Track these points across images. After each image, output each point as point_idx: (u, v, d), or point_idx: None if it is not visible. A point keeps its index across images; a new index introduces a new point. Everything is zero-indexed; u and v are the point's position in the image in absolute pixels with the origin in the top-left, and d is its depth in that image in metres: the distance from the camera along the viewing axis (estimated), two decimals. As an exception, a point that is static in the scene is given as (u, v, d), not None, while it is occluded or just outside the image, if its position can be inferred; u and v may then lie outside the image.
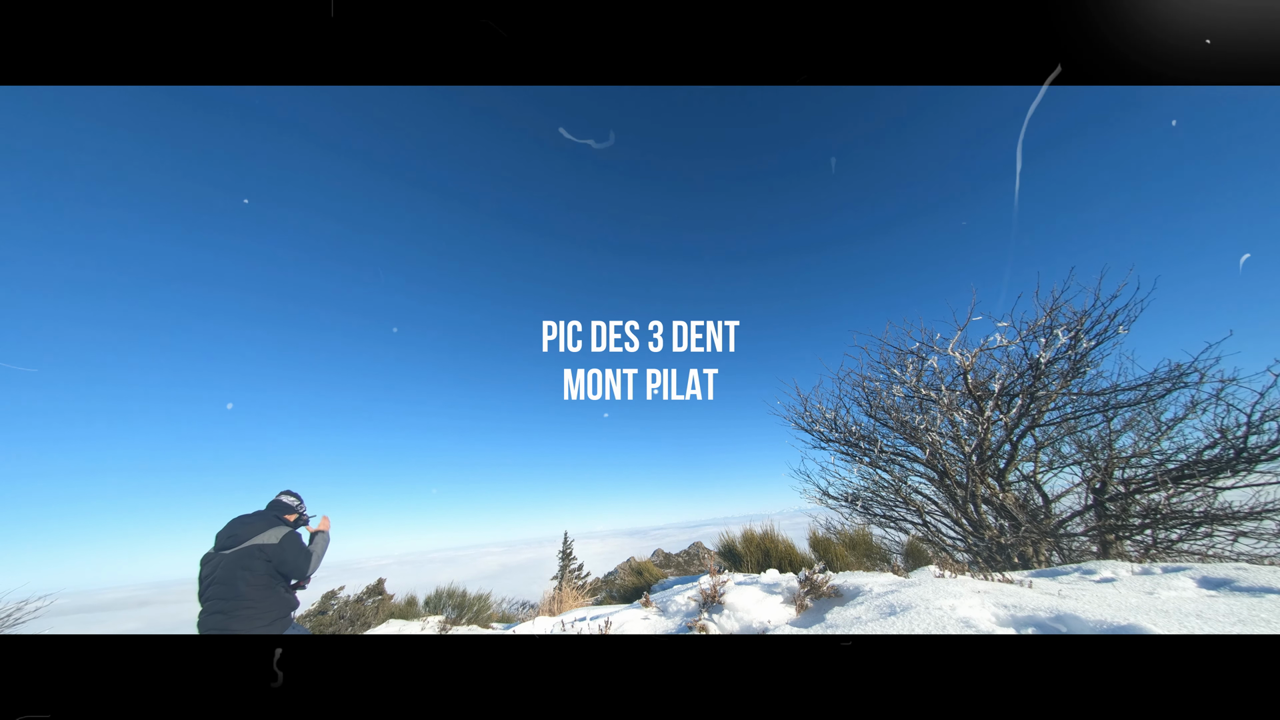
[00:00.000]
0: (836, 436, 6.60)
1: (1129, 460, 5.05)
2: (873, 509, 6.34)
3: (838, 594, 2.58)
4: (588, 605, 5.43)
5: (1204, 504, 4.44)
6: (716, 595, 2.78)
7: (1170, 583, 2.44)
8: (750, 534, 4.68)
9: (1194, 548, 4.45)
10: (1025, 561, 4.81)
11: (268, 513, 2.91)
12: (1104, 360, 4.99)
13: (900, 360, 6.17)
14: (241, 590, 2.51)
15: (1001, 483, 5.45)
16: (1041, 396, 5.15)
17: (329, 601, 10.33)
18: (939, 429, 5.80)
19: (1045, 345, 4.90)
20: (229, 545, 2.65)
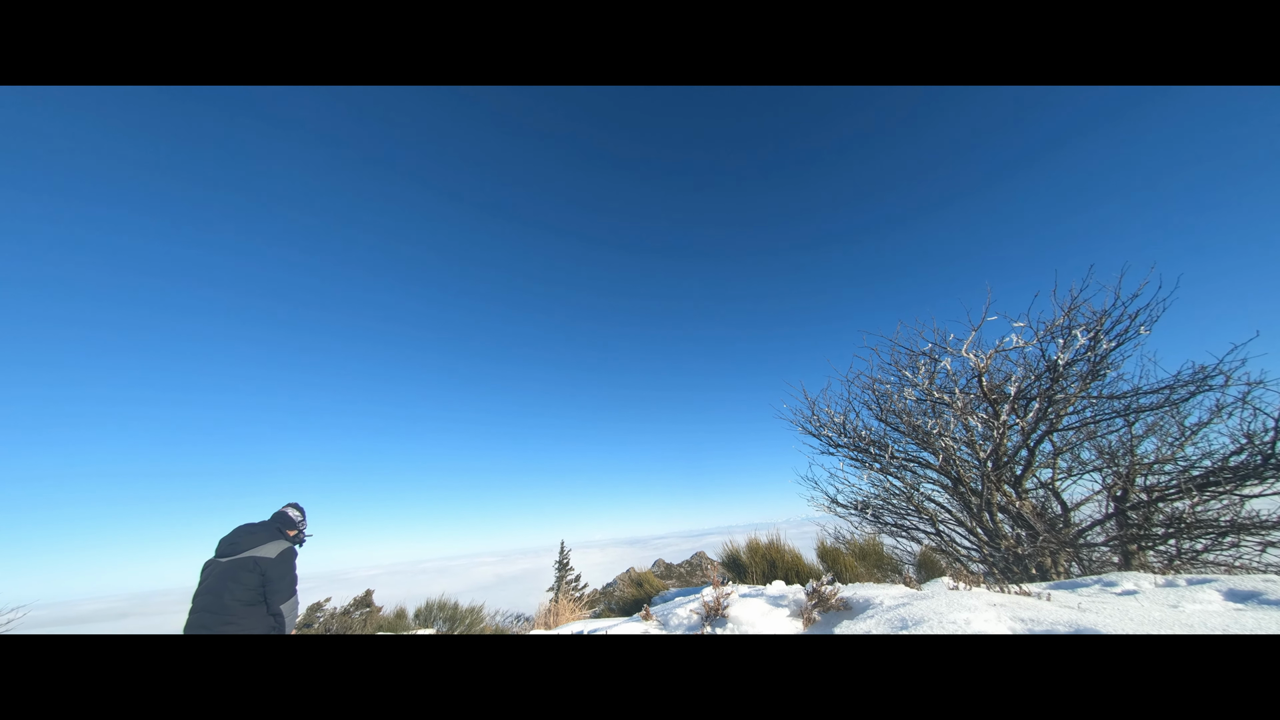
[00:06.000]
0: (845, 441, 6.61)
1: (1151, 466, 5.06)
2: (883, 517, 6.35)
3: (846, 607, 2.58)
4: (585, 618, 5.43)
5: (1230, 513, 4.45)
6: (720, 608, 2.78)
7: (1195, 595, 2.45)
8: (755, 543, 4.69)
9: (1220, 558, 4.46)
10: (1043, 573, 4.82)
11: (271, 524, 2.91)
12: (1125, 362, 5.01)
13: (912, 362, 6.18)
14: (227, 603, 2.52)
15: (1018, 490, 5.45)
16: (1060, 400, 5.15)
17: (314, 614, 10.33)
18: (952, 434, 5.81)
19: (1063, 346, 4.91)
20: (228, 553, 2.65)
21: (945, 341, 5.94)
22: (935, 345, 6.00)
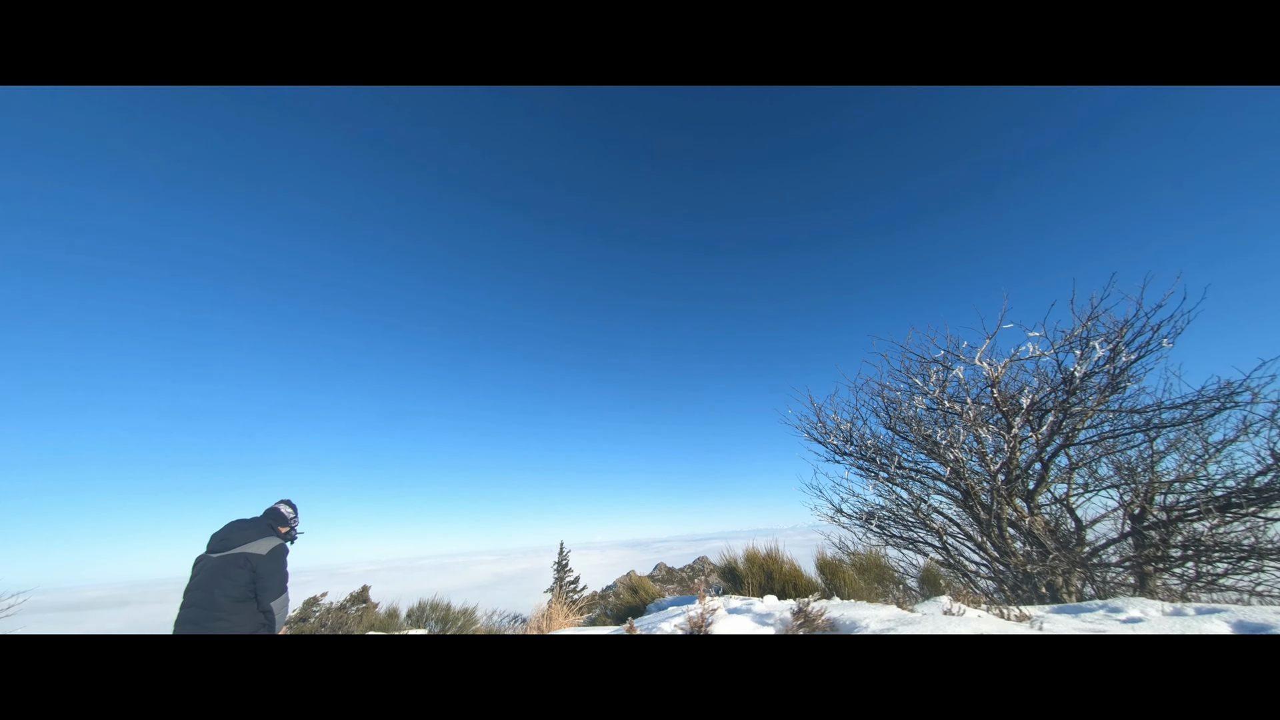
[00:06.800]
0: (852, 450, 6.49)
1: (1171, 485, 4.88)
2: (889, 529, 6.21)
3: (833, 627, 2.53)
4: (579, 624, 5.42)
5: (1252, 536, 4.27)
6: (703, 624, 2.74)
7: (1202, 626, 2.35)
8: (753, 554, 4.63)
9: (1241, 584, 4.28)
10: (1054, 592, 4.68)
11: (263, 520, 2.94)
12: (1147, 375, 4.83)
13: (924, 369, 6.04)
14: (217, 599, 2.54)
15: (1031, 505, 5.30)
16: (1077, 412, 4.99)
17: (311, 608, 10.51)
18: (963, 444, 5.67)
19: (1081, 358, 4.76)
20: (219, 549, 2.68)
21: (959, 349, 5.80)
22: (948, 353, 5.87)
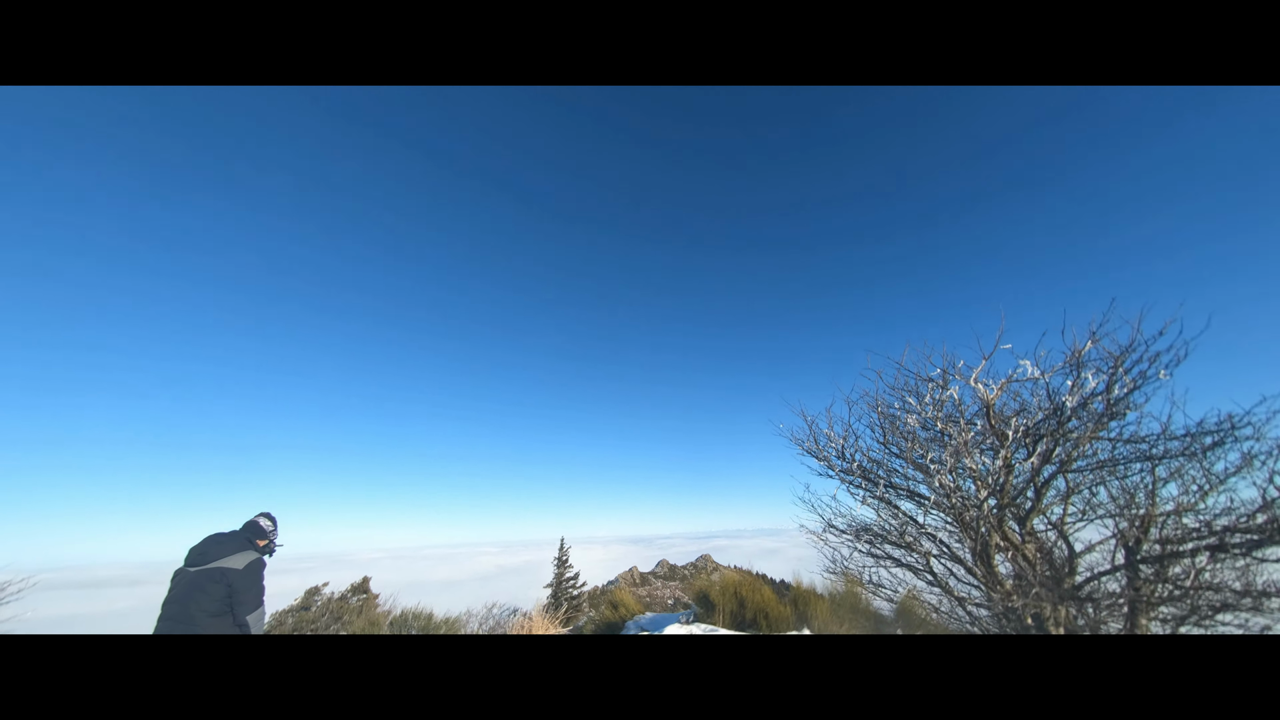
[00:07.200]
0: (843, 466, 6.43)
1: (1169, 516, 4.76)
2: (877, 549, 6.16)
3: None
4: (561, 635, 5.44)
5: (1248, 575, 4.16)
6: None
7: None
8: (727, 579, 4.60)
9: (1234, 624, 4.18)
10: (1040, 624, 4.61)
11: (241, 534, 2.94)
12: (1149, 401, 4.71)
13: (919, 387, 5.96)
14: (193, 613, 2.56)
15: (1023, 531, 5.22)
16: (1073, 438, 4.89)
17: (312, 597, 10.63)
18: (953, 466, 5.58)
19: (1073, 388, 4.65)
20: (196, 563, 2.70)
21: (955, 367, 5.71)
22: (945, 371, 5.78)
